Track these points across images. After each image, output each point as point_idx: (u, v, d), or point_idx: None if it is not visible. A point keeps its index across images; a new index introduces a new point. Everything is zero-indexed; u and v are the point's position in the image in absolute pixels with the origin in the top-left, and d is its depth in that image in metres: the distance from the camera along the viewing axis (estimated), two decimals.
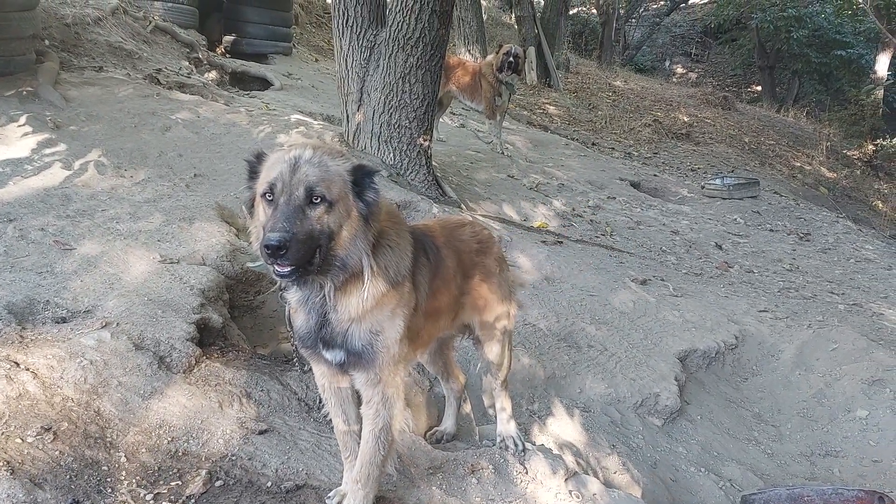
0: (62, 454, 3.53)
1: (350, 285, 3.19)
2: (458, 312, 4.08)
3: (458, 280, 3.94)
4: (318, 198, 2.97)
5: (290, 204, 2.95)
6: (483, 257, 4.18)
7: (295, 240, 2.87)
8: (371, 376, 3.37)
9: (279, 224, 2.88)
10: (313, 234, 2.96)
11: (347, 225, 3.07)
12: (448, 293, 3.86)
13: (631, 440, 5.66)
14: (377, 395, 3.41)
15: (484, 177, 11.29)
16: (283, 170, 3.00)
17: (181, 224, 6.28)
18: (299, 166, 3.00)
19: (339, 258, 3.09)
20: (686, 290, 8.40)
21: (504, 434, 4.51)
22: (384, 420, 3.45)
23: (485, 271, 4.17)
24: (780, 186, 17.56)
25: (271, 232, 2.87)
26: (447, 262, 3.81)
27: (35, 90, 8.61)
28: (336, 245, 3.06)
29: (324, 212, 2.99)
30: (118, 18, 12.74)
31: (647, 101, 24.24)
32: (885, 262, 11.50)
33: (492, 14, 30.52)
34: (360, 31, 8.88)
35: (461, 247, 4.04)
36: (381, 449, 3.50)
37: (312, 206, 2.97)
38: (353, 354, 3.30)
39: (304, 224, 2.93)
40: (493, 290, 4.22)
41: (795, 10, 28.82)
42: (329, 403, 3.65)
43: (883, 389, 6.59)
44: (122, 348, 4.27)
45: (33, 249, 5.42)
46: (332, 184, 3.02)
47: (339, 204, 3.03)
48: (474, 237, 4.19)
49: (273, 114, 10.47)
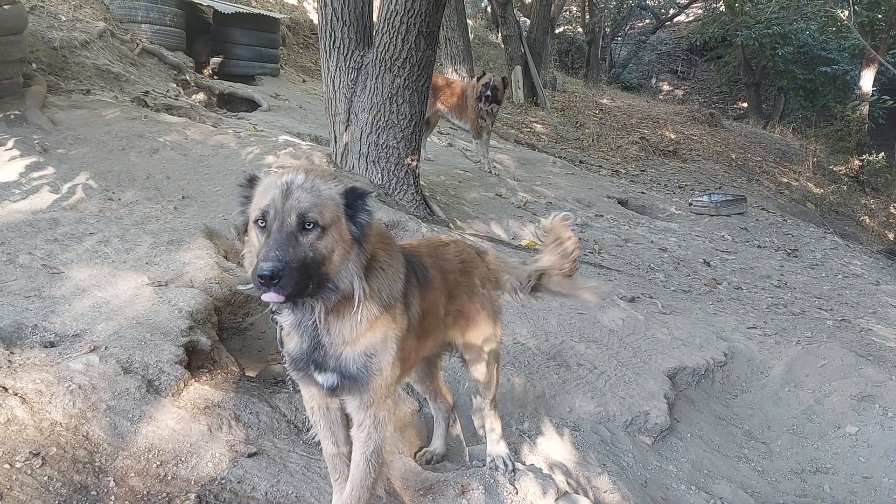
0: (51, 480, 3.50)
1: (342, 308, 3.18)
2: (443, 332, 4.06)
3: (443, 300, 3.92)
4: (311, 224, 2.97)
5: (283, 231, 2.94)
6: (467, 277, 4.17)
7: (288, 268, 2.87)
8: (364, 399, 3.35)
9: (272, 253, 2.88)
10: (306, 260, 2.95)
11: (340, 248, 3.07)
12: (436, 313, 3.84)
13: (621, 459, 5.65)
14: (369, 418, 3.39)
15: (472, 196, 11.31)
16: (275, 196, 3.00)
17: (169, 246, 6.26)
18: (291, 192, 3.00)
19: (331, 281, 3.09)
20: (675, 307, 8.42)
21: (494, 454, 4.48)
22: (375, 443, 3.44)
23: (469, 290, 4.16)
24: (767, 203, 17.65)
25: (264, 261, 2.86)
26: (434, 282, 3.80)
27: (22, 114, 8.60)
28: (328, 268, 3.06)
29: (316, 237, 2.98)
30: (105, 41, 12.77)
31: (633, 118, 24.37)
32: (873, 278, 11.55)
33: (478, 33, 30.65)
34: (348, 53, 8.92)
35: (446, 266, 4.03)
36: (372, 472, 3.48)
37: (305, 232, 2.97)
38: (348, 378, 3.29)
39: (296, 251, 2.93)
40: (477, 310, 4.20)
41: (780, 28, 29.05)
42: (318, 426, 3.62)
43: (872, 405, 6.61)
44: (111, 372, 4.25)
45: (21, 273, 5.40)
46: (324, 208, 3.01)
47: (332, 228, 3.03)
48: (458, 256, 4.19)
49: (261, 135, 10.47)
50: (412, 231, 8.00)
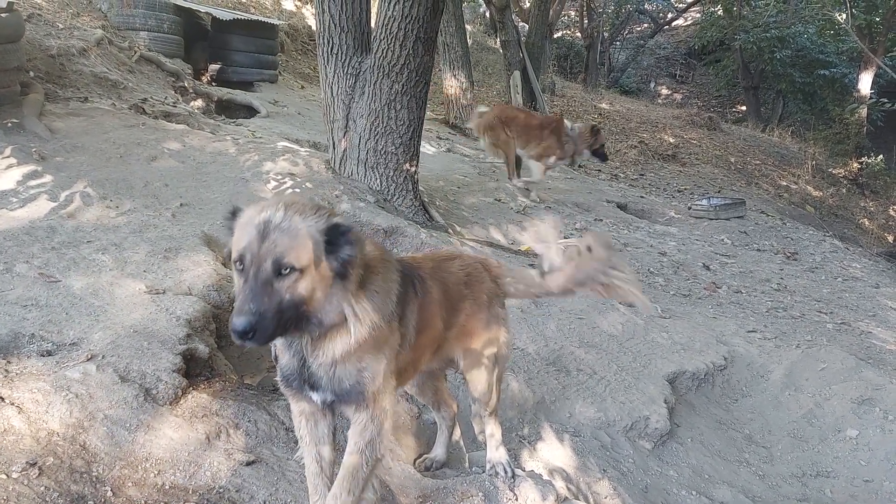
0: (48, 489, 3.48)
1: (333, 331, 3.14)
2: (442, 346, 4.01)
3: (443, 313, 3.86)
4: (287, 269, 2.88)
5: (259, 278, 2.87)
6: (472, 290, 4.11)
7: (262, 319, 2.81)
8: (360, 405, 3.31)
9: (246, 305, 2.82)
10: (282, 306, 2.89)
11: (321, 287, 3.00)
12: (434, 326, 3.79)
13: (621, 464, 5.63)
14: (364, 416, 3.34)
15: (471, 201, 11.31)
16: (252, 238, 2.90)
17: (167, 254, 6.25)
18: (268, 233, 2.90)
19: (314, 317, 3.04)
20: (674, 311, 8.41)
21: (494, 461, 4.45)
22: (371, 433, 3.36)
23: (474, 304, 4.10)
24: (766, 206, 17.66)
25: (237, 315, 2.80)
26: (433, 294, 3.75)
27: (20, 122, 8.60)
28: (309, 308, 3.00)
29: (294, 281, 2.91)
30: (103, 49, 12.78)
31: (632, 122, 24.38)
32: (873, 280, 11.54)
33: (477, 39, 30.69)
34: (345, 59, 8.92)
35: (449, 280, 3.98)
36: (365, 466, 3.37)
37: (281, 277, 2.89)
38: (341, 394, 3.26)
39: (272, 299, 2.86)
40: (482, 323, 4.15)
41: (778, 31, 29.09)
42: (304, 443, 3.55)
43: (873, 408, 6.59)
44: (108, 381, 4.24)
45: (18, 282, 5.39)
46: (302, 249, 2.92)
47: (311, 269, 2.94)
48: (462, 270, 4.13)
49: (259, 141, 10.48)
50: (411, 237, 7.99)
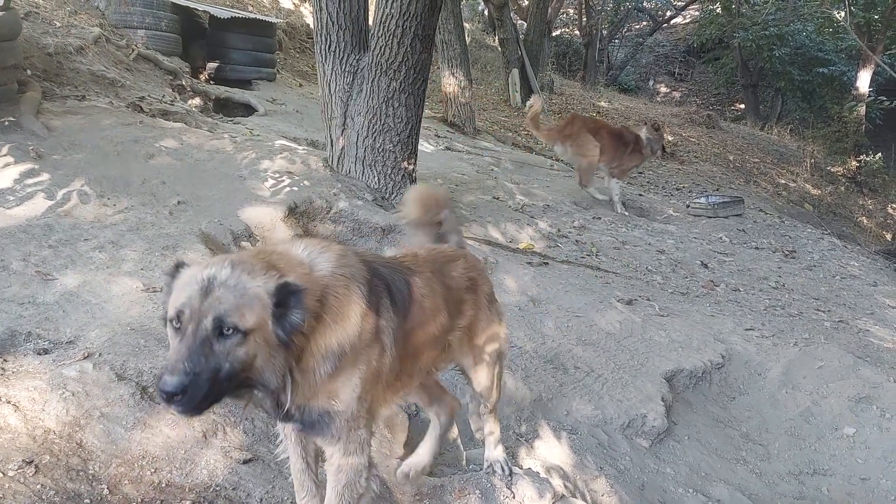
0: (44, 488, 3.48)
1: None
2: (442, 350, 3.83)
3: (442, 318, 3.66)
4: (230, 329, 2.63)
5: (197, 336, 2.60)
6: (473, 294, 3.99)
7: (196, 381, 2.55)
8: (329, 437, 3.12)
9: (179, 365, 2.56)
10: (220, 371, 2.62)
11: (263, 353, 2.72)
12: (426, 332, 3.58)
13: (618, 462, 5.64)
14: (337, 451, 3.17)
15: (469, 199, 11.30)
16: (193, 293, 2.66)
17: (164, 252, 6.26)
18: (212, 290, 2.65)
19: (256, 383, 2.78)
20: (672, 309, 8.41)
21: (492, 459, 4.43)
22: (347, 476, 3.19)
23: (475, 307, 3.99)
24: (764, 204, 17.65)
25: (168, 374, 2.54)
26: (424, 300, 3.53)
27: (17, 120, 8.58)
28: (249, 374, 2.73)
29: (235, 344, 2.65)
30: (101, 47, 12.75)
31: (631, 120, 24.36)
32: (871, 279, 11.54)
33: (475, 37, 30.69)
34: (343, 57, 8.92)
35: (451, 283, 3.81)
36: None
37: (222, 338, 2.63)
38: (309, 425, 3.08)
39: (209, 360, 2.60)
40: (482, 323, 4.07)
41: (777, 29, 29.07)
42: (288, 440, 3.47)
43: (870, 407, 6.61)
44: (105, 379, 4.24)
45: (15, 280, 5.38)
46: (247, 310, 2.66)
47: (255, 333, 2.68)
48: (466, 272, 3.95)
49: (257, 140, 10.47)
50: (408, 234, 7.99)
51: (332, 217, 8.22)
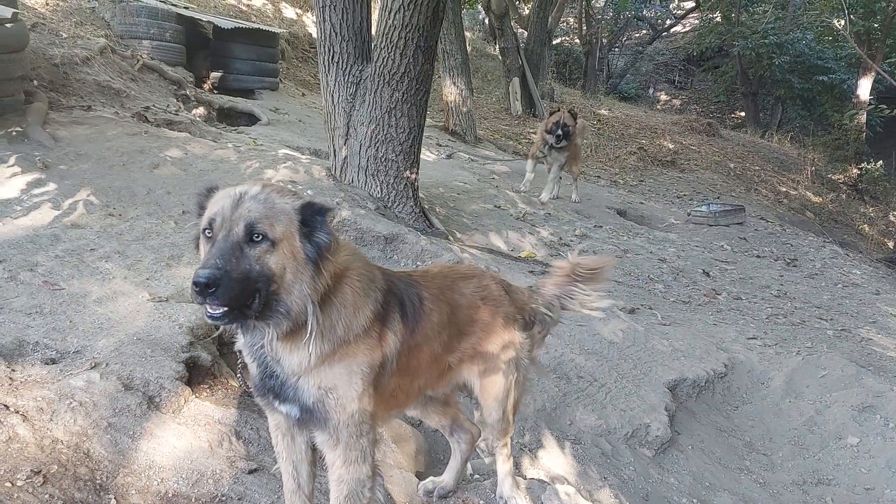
0: (52, 498, 3.50)
1: (295, 336, 2.94)
2: (444, 371, 3.72)
3: (444, 337, 3.56)
4: (260, 235, 2.77)
5: (228, 240, 2.75)
6: (487, 315, 3.78)
7: (227, 277, 2.65)
8: (328, 437, 3.12)
9: (211, 261, 2.68)
10: (251, 274, 2.74)
11: (291, 267, 2.83)
12: (430, 350, 3.50)
13: (622, 472, 5.64)
14: (338, 458, 3.15)
15: (472, 207, 11.33)
16: (225, 205, 2.82)
17: (170, 262, 6.29)
18: (243, 202, 2.82)
19: (282, 303, 2.85)
20: (674, 318, 8.43)
21: (506, 496, 4.18)
22: (349, 487, 3.17)
23: (487, 330, 3.78)
24: (766, 212, 17.67)
25: (201, 268, 2.65)
26: (432, 316, 3.47)
27: (24, 131, 8.64)
28: (279, 289, 2.82)
29: (265, 251, 2.78)
30: (106, 58, 12.82)
31: (631, 128, 24.41)
32: (873, 287, 11.55)
33: (476, 46, 30.75)
34: (346, 67, 8.96)
35: (460, 301, 3.68)
36: None
37: (252, 244, 2.77)
38: (306, 411, 3.07)
39: (240, 263, 2.72)
40: (495, 348, 3.81)
41: (777, 37, 29.17)
42: (280, 459, 3.43)
43: (874, 416, 6.60)
44: (112, 389, 4.26)
45: (22, 290, 5.42)
46: (276, 221, 2.81)
47: (283, 244, 2.81)
48: (478, 292, 3.79)
49: (261, 149, 10.50)
50: (411, 244, 8.02)
51: (336, 226, 8.24)
